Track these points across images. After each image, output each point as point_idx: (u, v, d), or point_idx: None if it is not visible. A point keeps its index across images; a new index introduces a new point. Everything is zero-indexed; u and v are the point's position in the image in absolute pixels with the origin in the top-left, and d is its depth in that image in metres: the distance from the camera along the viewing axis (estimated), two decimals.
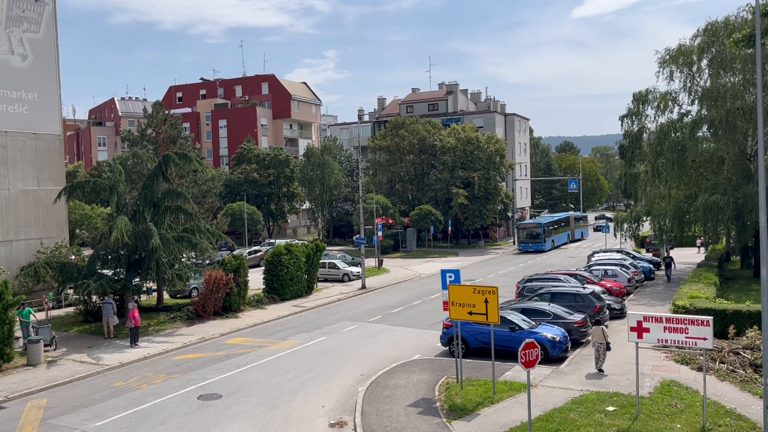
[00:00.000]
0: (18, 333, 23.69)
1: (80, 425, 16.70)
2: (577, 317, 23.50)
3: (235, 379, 20.48)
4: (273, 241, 62.33)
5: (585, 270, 35.19)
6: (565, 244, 67.24)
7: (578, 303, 25.53)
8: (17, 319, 23.27)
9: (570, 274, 32.72)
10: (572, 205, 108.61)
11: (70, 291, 29.68)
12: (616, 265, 36.26)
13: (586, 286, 28.90)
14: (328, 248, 42.28)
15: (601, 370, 19.62)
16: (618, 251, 44.50)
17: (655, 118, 41.18)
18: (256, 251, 54.10)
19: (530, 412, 14.52)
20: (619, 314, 27.49)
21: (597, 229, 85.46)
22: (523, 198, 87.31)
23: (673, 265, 39.94)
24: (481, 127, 75.20)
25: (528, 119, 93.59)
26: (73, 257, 33.03)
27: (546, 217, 74.78)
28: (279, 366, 21.98)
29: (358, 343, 25.02)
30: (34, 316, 24.59)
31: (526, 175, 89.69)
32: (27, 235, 33.33)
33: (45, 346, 23.50)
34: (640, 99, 41.35)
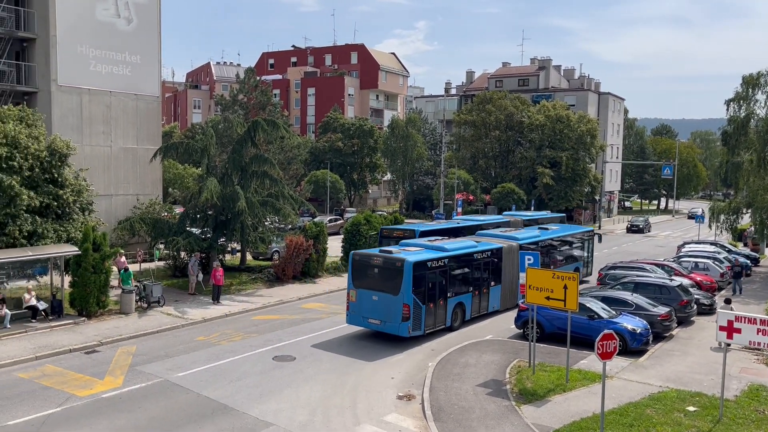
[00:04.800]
0: (113, 282, 25.27)
1: (164, 374, 17.70)
2: (662, 310, 22.48)
3: (309, 343, 21.04)
4: (353, 209, 63.20)
5: (674, 261, 33.52)
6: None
7: (664, 295, 24.39)
8: (113, 269, 24.74)
9: (657, 264, 31.25)
10: (664, 192, 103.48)
11: (161, 246, 31.31)
12: (708, 257, 34.32)
13: (673, 278, 27.53)
14: (406, 221, 42.33)
15: None
16: (712, 243, 42.07)
17: (765, 103, 38.28)
18: (336, 219, 55.03)
19: (603, 404, 14.08)
20: (708, 310, 26.09)
21: (690, 217, 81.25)
22: (612, 181, 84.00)
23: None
24: (573, 106, 72.58)
25: (623, 99, 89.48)
26: (165, 214, 34.78)
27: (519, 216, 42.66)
28: (352, 333, 22.37)
29: None
30: (134, 279, 26.02)
31: (617, 158, 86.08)
32: (125, 191, 35.36)
33: (153, 302, 24.93)
34: (750, 82, 38.47)
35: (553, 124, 63.80)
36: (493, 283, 25.28)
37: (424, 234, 30.07)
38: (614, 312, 21.43)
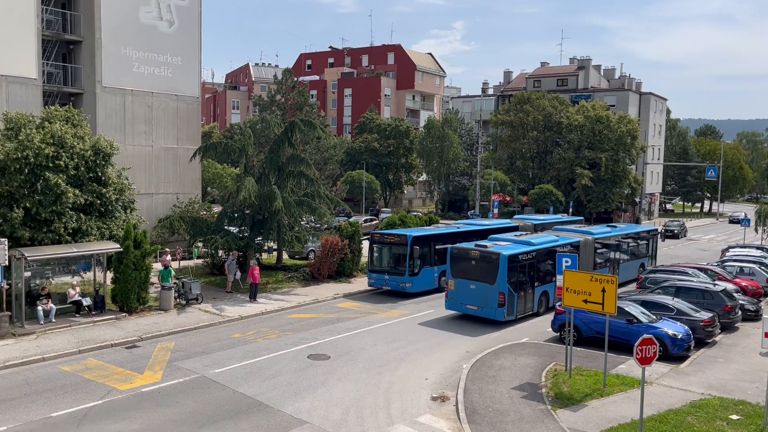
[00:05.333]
0: (153, 279, 25.82)
1: (201, 370, 18.00)
2: (704, 315, 21.88)
3: (344, 343, 21.13)
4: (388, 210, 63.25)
5: (717, 265, 32.60)
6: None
7: (707, 300, 23.73)
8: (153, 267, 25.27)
9: (699, 268, 30.42)
10: (708, 194, 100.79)
11: (200, 244, 31.87)
12: (754, 262, 33.26)
13: (717, 282, 26.78)
14: (441, 222, 42.16)
15: None
16: (758, 247, 40.79)
17: None
18: (371, 219, 55.17)
19: (642, 410, 13.78)
20: (753, 316, 25.30)
21: (733, 221, 78.89)
22: (653, 183, 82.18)
23: None
24: (613, 106, 71.27)
25: (665, 99, 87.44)
26: (203, 213, 35.40)
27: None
28: (386, 334, 22.40)
29: (467, 320, 24.88)
30: (174, 277, 26.53)
31: (658, 159, 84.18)
32: (165, 190, 36.10)
33: (191, 299, 25.41)
34: None
35: (593, 125, 62.76)
36: None
37: (417, 240, 28.20)
38: (654, 317, 20.96)
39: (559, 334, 21.68)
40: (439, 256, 29.10)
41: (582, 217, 40.53)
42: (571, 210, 61.78)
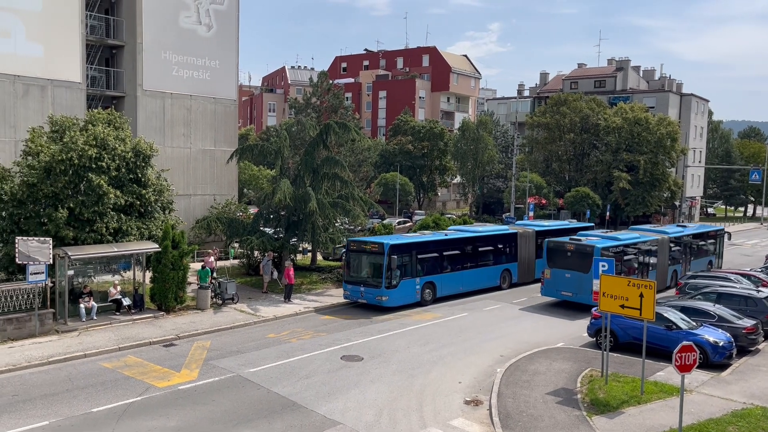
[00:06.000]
0: (190, 278, 26.28)
1: (236, 369, 18.25)
2: (747, 323, 21.26)
3: (377, 344, 21.18)
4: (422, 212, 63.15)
5: (761, 271, 31.65)
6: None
7: (749, 307, 23.05)
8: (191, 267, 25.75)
9: (742, 274, 29.58)
10: (752, 198, 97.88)
11: (236, 245, 32.33)
12: None
13: (761, 288, 25.99)
14: (475, 224, 41.89)
15: None
16: None
17: None
18: (404, 221, 55.16)
19: (681, 419, 13.47)
20: None
21: None
22: (694, 186, 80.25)
23: None
24: (652, 108, 69.86)
25: (707, 101, 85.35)
26: (240, 214, 35.91)
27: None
28: (419, 336, 22.36)
29: (500, 324, 24.71)
30: (211, 277, 26.98)
31: (700, 162, 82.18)
32: (203, 191, 36.76)
33: (227, 299, 25.82)
34: None
35: (631, 127, 61.62)
36: (650, 267, 30.38)
37: (396, 248, 25.95)
38: (694, 323, 20.46)
39: (595, 339, 21.34)
40: (423, 265, 27.30)
41: (592, 224, 38.74)
42: (608, 214, 60.73)
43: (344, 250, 31.82)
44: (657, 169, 61.18)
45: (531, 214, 53.47)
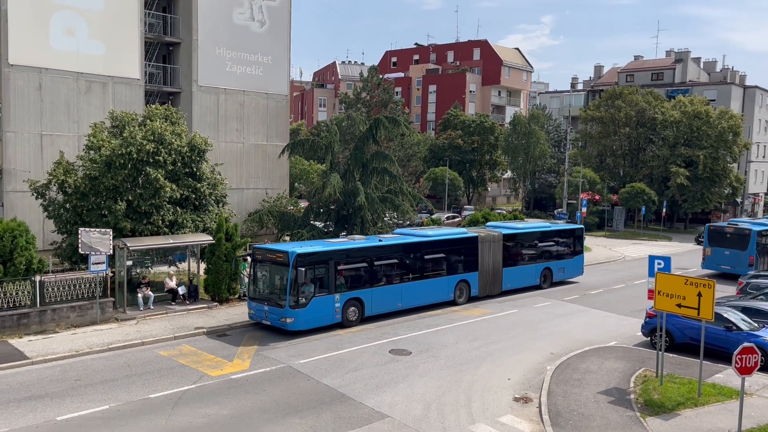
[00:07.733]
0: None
1: (287, 360, 18.57)
2: None
3: (425, 339, 21.17)
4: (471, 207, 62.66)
5: None
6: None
7: None
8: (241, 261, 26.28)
9: None
10: None
11: (287, 238, 32.83)
12: None
13: None
14: (527, 219, 41.34)
15: None
16: None
17: None
18: (453, 217, 54.87)
19: (741, 423, 13.00)
20: None
21: None
22: (758, 182, 76.94)
23: None
24: (713, 101, 67.26)
25: None
26: (291, 208, 36.44)
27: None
28: (468, 332, 22.25)
29: (550, 321, 24.33)
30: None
31: (764, 157, 78.75)
32: (255, 185, 37.44)
33: None
34: None
35: (690, 121, 59.51)
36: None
37: (305, 258, 20.84)
38: (756, 324, 19.67)
39: (649, 338, 20.78)
40: (347, 278, 22.45)
41: (582, 225, 33.81)
42: (664, 210, 58.91)
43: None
44: (717, 165, 58.92)
45: (584, 210, 52.34)
